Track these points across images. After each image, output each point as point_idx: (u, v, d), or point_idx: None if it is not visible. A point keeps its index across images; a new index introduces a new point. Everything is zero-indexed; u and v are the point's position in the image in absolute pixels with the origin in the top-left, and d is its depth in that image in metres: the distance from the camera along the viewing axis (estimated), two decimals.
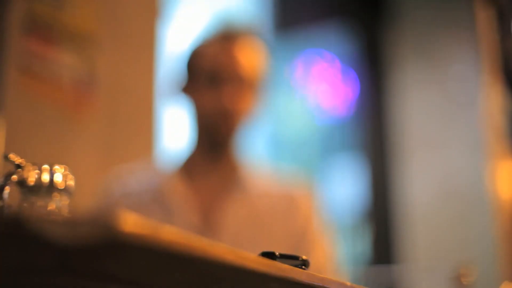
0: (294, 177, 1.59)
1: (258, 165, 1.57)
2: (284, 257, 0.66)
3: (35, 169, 0.64)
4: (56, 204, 0.64)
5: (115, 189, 1.50)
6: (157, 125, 2.16)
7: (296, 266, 0.65)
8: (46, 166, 0.64)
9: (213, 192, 1.47)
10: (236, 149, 1.50)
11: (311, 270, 1.36)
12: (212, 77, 1.46)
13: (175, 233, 0.43)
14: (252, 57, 1.50)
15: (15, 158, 0.64)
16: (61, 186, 0.64)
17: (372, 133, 3.69)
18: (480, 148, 3.27)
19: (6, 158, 0.64)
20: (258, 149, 3.70)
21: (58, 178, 0.64)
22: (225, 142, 1.48)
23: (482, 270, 2.57)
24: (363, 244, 3.56)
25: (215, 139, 1.48)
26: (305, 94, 4.07)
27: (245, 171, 1.51)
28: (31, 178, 0.63)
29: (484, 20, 3.41)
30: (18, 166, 0.64)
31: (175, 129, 2.49)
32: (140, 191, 1.47)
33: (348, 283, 0.69)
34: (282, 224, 1.47)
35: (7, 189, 0.64)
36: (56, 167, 0.65)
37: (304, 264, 0.68)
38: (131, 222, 0.40)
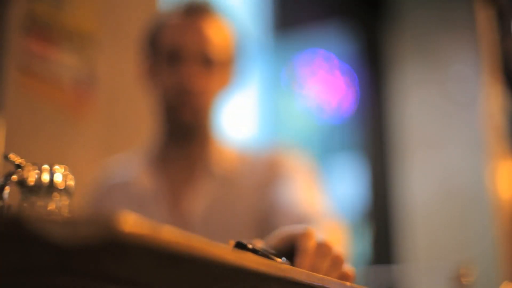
0: (281, 147, 1.47)
1: (235, 144, 1.46)
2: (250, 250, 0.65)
3: (35, 169, 0.64)
4: (56, 204, 0.64)
5: (101, 182, 1.47)
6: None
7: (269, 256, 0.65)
8: (46, 166, 0.64)
9: (183, 181, 1.39)
10: (206, 132, 1.40)
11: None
12: (174, 54, 1.35)
13: (175, 233, 0.43)
14: (218, 33, 1.38)
15: (15, 158, 0.64)
16: (61, 186, 0.64)
17: (372, 133, 3.69)
18: (480, 148, 3.27)
19: (6, 158, 0.64)
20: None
21: (58, 178, 0.64)
22: (193, 126, 1.37)
23: (482, 270, 2.56)
24: (363, 244, 3.56)
25: (182, 123, 1.37)
26: (305, 94, 4.07)
27: (218, 153, 1.40)
28: (31, 178, 0.63)
29: (484, 20, 3.41)
30: (18, 166, 0.64)
31: None
32: (120, 183, 1.43)
33: (348, 283, 0.69)
34: (260, 189, 1.35)
35: (7, 189, 0.64)
36: (56, 167, 0.65)
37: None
38: (131, 222, 0.40)
